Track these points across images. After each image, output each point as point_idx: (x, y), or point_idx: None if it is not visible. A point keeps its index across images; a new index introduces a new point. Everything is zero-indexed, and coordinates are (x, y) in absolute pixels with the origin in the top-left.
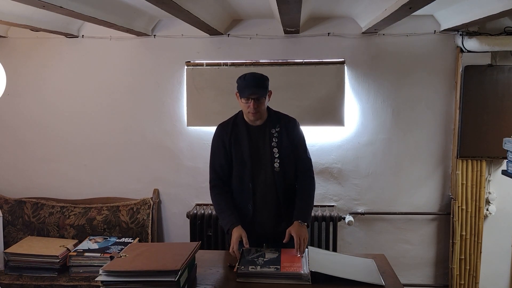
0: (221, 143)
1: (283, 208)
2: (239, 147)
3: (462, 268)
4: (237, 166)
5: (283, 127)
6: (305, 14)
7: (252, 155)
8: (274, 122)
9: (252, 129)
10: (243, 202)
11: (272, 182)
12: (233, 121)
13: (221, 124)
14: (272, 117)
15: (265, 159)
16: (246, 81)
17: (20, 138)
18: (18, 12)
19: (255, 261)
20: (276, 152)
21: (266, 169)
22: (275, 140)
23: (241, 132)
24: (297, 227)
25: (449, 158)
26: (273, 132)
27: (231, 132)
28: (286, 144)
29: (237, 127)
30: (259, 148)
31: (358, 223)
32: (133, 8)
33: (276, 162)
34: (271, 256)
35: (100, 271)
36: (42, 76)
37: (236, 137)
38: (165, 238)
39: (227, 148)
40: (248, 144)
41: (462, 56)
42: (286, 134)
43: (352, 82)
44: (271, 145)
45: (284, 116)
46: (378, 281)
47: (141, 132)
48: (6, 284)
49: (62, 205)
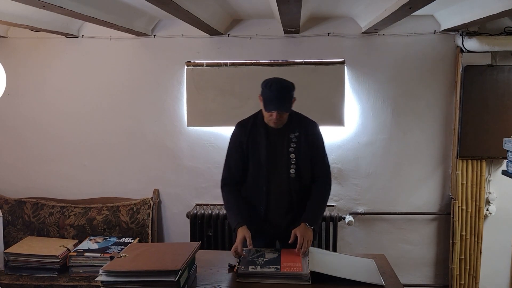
0: (239, 143)
1: (296, 212)
2: (257, 149)
3: (462, 268)
4: (253, 168)
5: (303, 132)
6: (305, 14)
7: (269, 159)
8: (294, 126)
9: (271, 132)
10: (256, 203)
11: (287, 187)
12: (253, 122)
13: (240, 123)
14: (293, 120)
15: (281, 164)
16: (271, 93)
17: (20, 138)
18: (18, 12)
19: (255, 261)
20: (293, 158)
21: (281, 174)
22: (293, 145)
23: (259, 135)
24: (303, 229)
25: (449, 158)
26: (292, 137)
27: (250, 133)
28: (304, 150)
29: (256, 128)
30: (277, 153)
31: (358, 223)
32: (133, 8)
33: (292, 168)
34: (271, 256)
35: (100, 271)
36: (42, 76)
37: (254, 139)
38: (165, 238)
39: (244, 149)
40: (266, 147)
41: (462, 56)
42: (305, 139)
43: (352, 82)
44: (289, 150)
45: (304, 120)
46: (378, 281)
47: (141, 132)
48: (6, 284)
49: (62, 205)
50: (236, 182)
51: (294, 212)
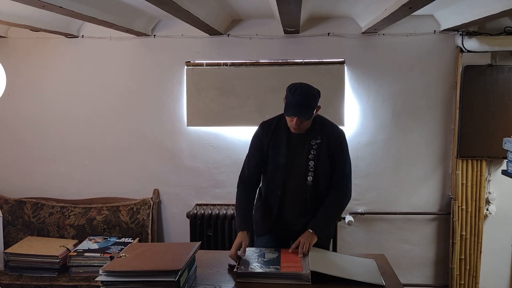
0: (260, 144)
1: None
2: (277, 153)
3: (462, 268)
4: (270, 170)
5: (325, 139)
6: (305, 14)
7: (287, 164)
8: (316, 132)
9: (293, 136)
10: (270, 204)
11: (303, 193)
12: (276, 124)
13: (264, 123)
14: (317, 126)
15: (299, 170)
16: (294, 99)
17: (20, 138)
18: (18, 12)
19: (254, 261)
20: (312, 165)
21: (299, 180)
22: (313, 152)
23: (281, 138)
24: (307, 235)
25: (449, 158)
26: (313, 143)
27: (272, 136)
28: (324, 158)
29: (278, 131)
30: (296, 158)
31: (358, 223)
32: (133, 8)
33: (310, 176)
34: (271, 256)
35: (100, 271)
36: (42, 76)
37: (276, 141)
38: (165, 238)
39: (265, 150)
40: (286, 152)
41: (462, 56)
42: (326, 146)
43: (352, 82)
44: (308, 157)
45: (329, 127)
46: (378, 281)
47: (141, 132)
48: (6, 284)
49: (62, 205)
50: (253, 182)
51: (309, 216)
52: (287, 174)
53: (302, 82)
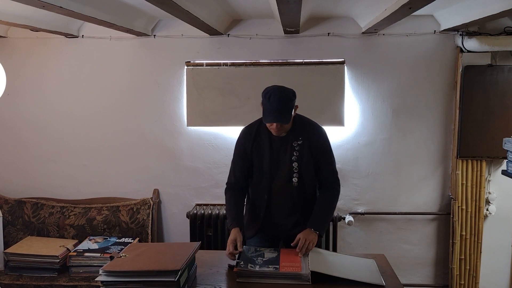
0: (243, 150)
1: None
2: (260, 157)
3: (462, 268)
4: (256, 174)
5: (306, 139)
6: (305, 14)
7: (271, 168)
8: (297, 133)
9: (275, 140)
10: (257, 209)
11: (290, 194)
12: (257, 129)
13: (245, 129)
14: (297, 127)
15: (284, 172)
16: (270, 104)
17: (20, 138)
18: (18, 12)
19: (254, 260)
20: (296, 166)
21: (284, 182)
22: (296, 154)
23: (263, 142)
24: (307, 232)
25: (449, 158)
26: (295, 145)
27: (254, 141)
28: (307, 158)
29: (260, 136)
30: (280, 161)
31: (358, 223)
32: (133, 8)
33: (295, 177)
34: (270, 255)
35: (100, 271)
36: (42, 76)
37: (258, 146)
38: (165, 238)
39: (249, 155)
40: (269, 156)
41: (462, 56)
42: (308, 146)
43: (352, 82)
44: (291, 159)
45: (309, 126)
46: (378, 281)
47: (141, 132)
48: (6, 284)
49: (62, 205)
50: (240, 186)
51: (298, 215)
52: (272, 178)
53: (276, 85)
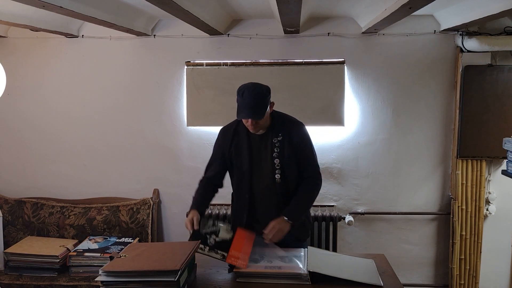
0: (220, 152)
1: None
2: (239, 157)
3: (462, 268)
4: (236, 175)
5: (286, 135)
6: (305, 14)
7: (251, 167)
8: (277, 130)
9: (254, 138)
10: (239, 211)
11: (274, 192)
12: (235, 129)
13: (223, 129)
14: (276, 123)
15: (266, 170)
16: (243, 100)
17: (20, 138)
18: (18, 12)
19: (207, 238)
20: (278, 163)
21: (267, 179)
22: (277, 150)
23: (242, 142)
24: (279, 220)
25: (449, 158)
26: (275, 141)
27: (232, 141)
28: (288, 154)
29: (238, 135)
30: (261, 159)
31: (358, 223)
32: (133, 8)
33: (278, 173)
34: (224, 236)
35: (100, 271)
36: (42, 76)
37: (237, 146)
38: (165, 238)
39: (227, 157)
40: (249, 155)
41: (462, 56)
42: (288, 142)
43: (352, 82)
44: (273, 155)
45: (288, 122)
46: (376, 281)
47: (141, 132)
48: (6, 284)
49: (62, 205)
50: (212, 182)
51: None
52: (252, 177)
53: (251, 82)
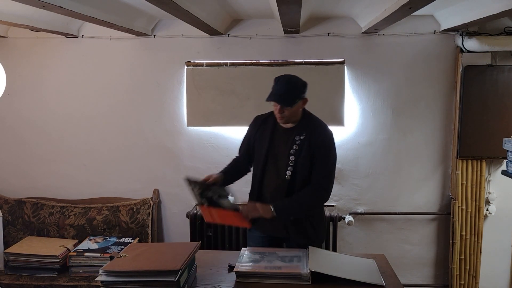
0: (248, 136)
1: None
2: (260, 146)
3: (462, 268)
4: (255, 162)
5: (309, 135)
6: (305, 14)
7: (267, 156)
8: (302, 128)
9: (279, 130)
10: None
11: (282, 188)
12: (266, 118)
13: (256, 116)
14: (304, 122)
15: (281, 163)
16: (276, 86)
17: (20, 138)
18: (18, 12)
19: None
20: (292, 160)
21: (279, 174)
22: (295, 147)
23: (266, 131)
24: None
25: (449, 158)
26: (297, 139)
27: (258, 128)
28: (305, 154)
29: (265, 124)
30: (278, 152)
31: (358, 223)
32: (133, 8)
33: (289, 170)
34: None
35: (100, 271)
36: (42, 76)
37: (261, 135)
38: (165, 238)
39: (252, 142)
40: (268, 144)
41: (462, 56)
42: (309, 143)
43: (352, 82)
44: (290, 152)
45: (316, 124)
46: (378, 281)
47: (141, 132)
48: (6, 284)
49: (62, 205)
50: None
51: None
52: (265, 167)
53: (292, 74)
